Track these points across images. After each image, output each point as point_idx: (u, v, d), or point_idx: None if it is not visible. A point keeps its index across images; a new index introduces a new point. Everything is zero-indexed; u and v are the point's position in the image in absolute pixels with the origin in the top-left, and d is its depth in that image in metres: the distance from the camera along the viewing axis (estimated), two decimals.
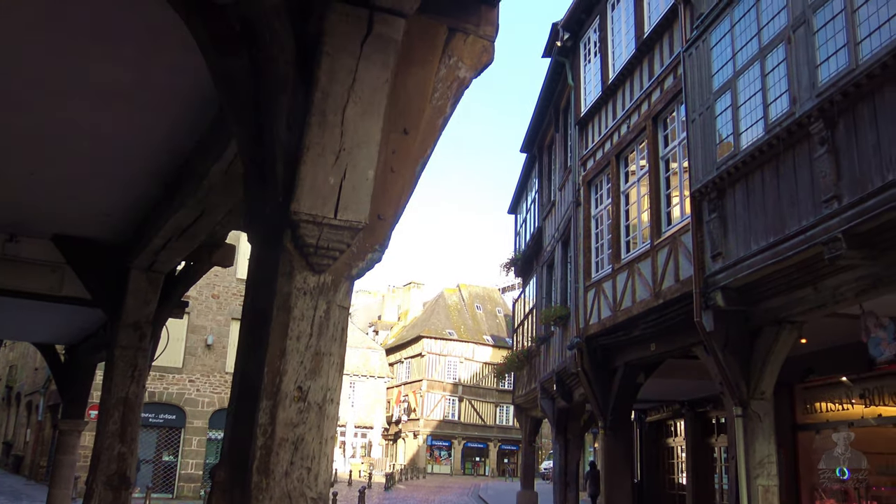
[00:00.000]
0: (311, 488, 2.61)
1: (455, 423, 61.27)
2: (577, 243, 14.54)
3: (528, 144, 22.37)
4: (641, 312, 11.29)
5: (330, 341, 2.76)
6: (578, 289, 14.12)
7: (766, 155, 8.15)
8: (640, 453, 23.20)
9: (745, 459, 8.87)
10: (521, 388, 23.06)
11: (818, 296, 7.94)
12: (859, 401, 12.57)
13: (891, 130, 6.40)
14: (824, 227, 7.00)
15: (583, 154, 14.77)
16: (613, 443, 13.56)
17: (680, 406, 19.87)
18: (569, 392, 16.49)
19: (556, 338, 16.67)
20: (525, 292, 23.02)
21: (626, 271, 12.01)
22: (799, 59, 7.71)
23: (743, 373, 9.07)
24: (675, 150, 11.02)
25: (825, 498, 13.47)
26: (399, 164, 2.97)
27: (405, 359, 64.49)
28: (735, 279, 8.62)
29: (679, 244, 10.29)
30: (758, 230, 8.26)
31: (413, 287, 72.44)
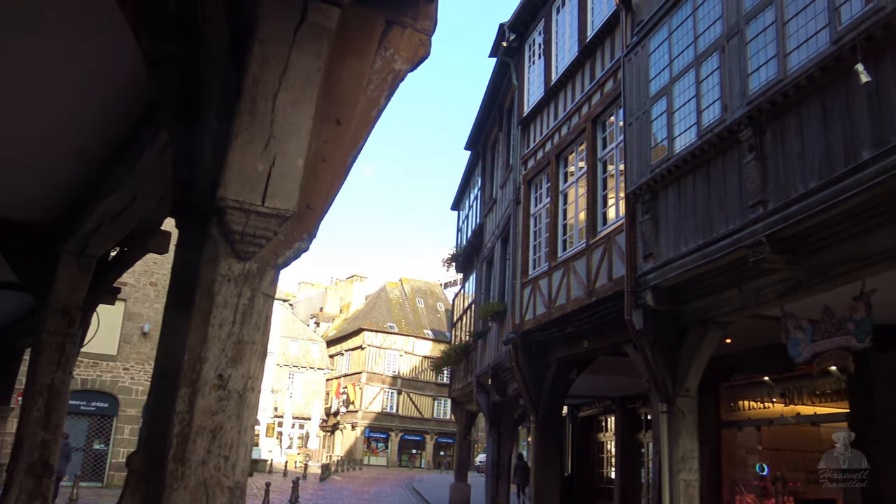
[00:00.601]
0: (229, 477, 2.60)
1: (393, 416, 61.33)
2: (516, 241, 14.71)
3: (472, 142, 22.50)
4: (575, 310, 11.49)
5: (253, 329, 2.74)
6: (516, 285, 14.28)
7: (697, 159, 8.39)
8: (572, 447, 23.62)
9: (668, 454, 9.13)
10: (458, 381, 23.21)
11: (742, 297, 8.22)
12: (780, 399, 13.06)
13: (814, 140, 6.67)
14: (750, 231, 7.25)
15: (524, 153, 14.94)
16: (544, 437, 13.78)
17: (611, 402, 20.30)
18: (503, 386, 16.68)
19: (492, 333, 16.84)
20: (465, 288, 23.17)
21: (562, 269, 12.21)
22: (732, 67, 7.95)
23: (669, 370, 9.33)
24: (613, 152, 11.25)
25: (745, 493, 13.98)
26: (330, 153, 2.97)
27: (346, 351, 64.24)
28: (665, 279, 8.85)
29: (613, 244, 10.52)
30: (688, 232, 8.51)
31: (356, 280, 72.12)
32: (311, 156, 2.87)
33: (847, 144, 6.23)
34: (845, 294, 7.09)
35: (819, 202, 6.40)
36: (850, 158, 6.16)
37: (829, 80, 6.51)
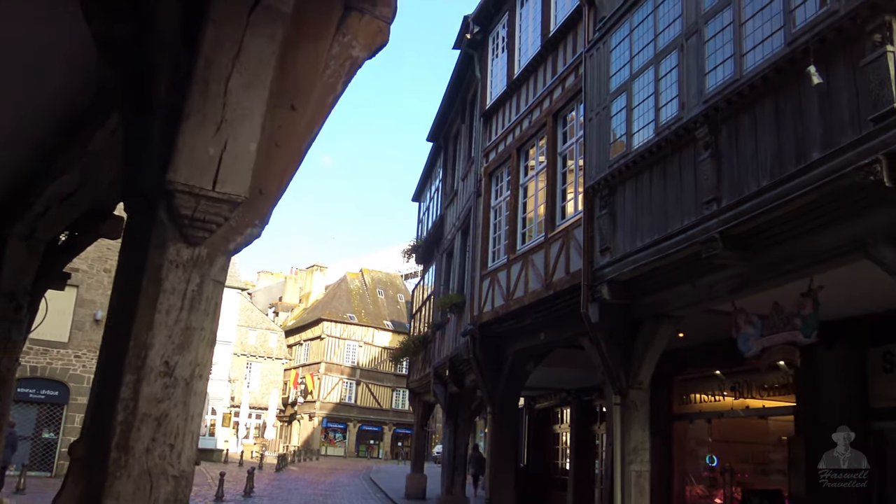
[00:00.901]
0: (174, 466, 2.57)
1: (351, 407, 61.22)
2: (475, 233, 14.76)
3: (434, 134, 22.49)
4: (533, 302, 11.58)
5: (202, 316, 2.71)
6: (475, 277, 14.34)
7: (655, 156, 8.50)
8: (528, 439, 23.82)
9: (620, 445, 9.26)
10: (416, 372, 23.24)
11: (695, 292, 8.36)
12: (730, 393, 13.33)
13: (767, 139, 6.80)
14: (703, 227, 7.38)
15: (486, 146, 14.98)
16: (501, 428, 13.88)
17: (567, 394, 20.51)
18: (461, 378, 16.75)
19: (451, 324, 16.88)
20: (424, 279, 23.19)
21: (521, 262, 12.29)
22: (690, 66, 8.06)
23: (623, 363, 9.46)
24: (573, 146, 11.34)
25: (695, 484, 14.25)
26: (284, 139, 2.94)
27: (304, 341, 63.91)
28: (621, 274, 8.97)
29: (571, 238, 10.61)
30: (644, 227, 8.62)
31: (316, 270, 71.72)
32: (265, 140, 2.84)
33: (798, 144, 6.36)
34: (794, 290, 7.26)
35: (770, 200, 6.53)
36: (800, 158, 6.30)
37: (782, 81, 6.64)
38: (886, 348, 10.25)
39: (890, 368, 10.19)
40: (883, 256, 5.89)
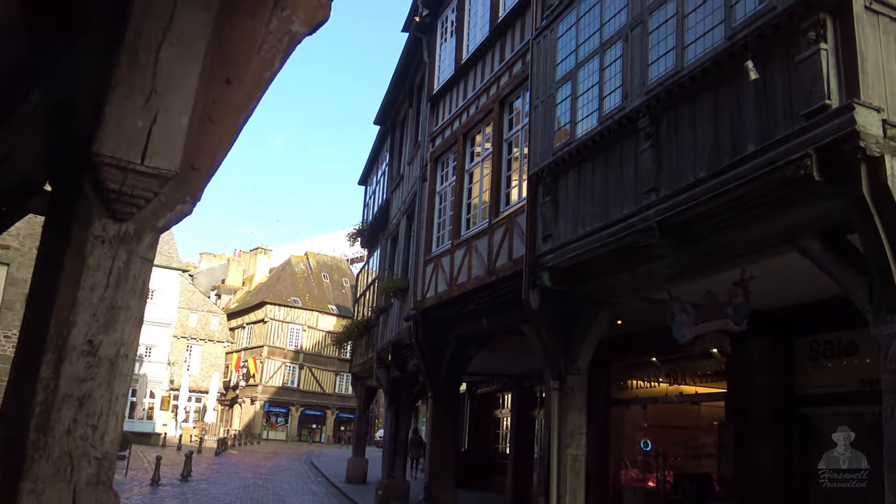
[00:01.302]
0: (97, 447, 2.51)
1: (294, 391, 60.85)
2: (420, 218, 14.74)
3: (382, 117, 22.34)
4: (475, 288, 11.64)
5: (128, 294, 2.65)
6: (419, 262, 14.34)
7: (598, 145, 8.60)
8: (469, 423, 24.03)
9: (558, 430, 9.40)
10: (359, 357, 23.19)
11: (633, 281, 8.51)
12: (665, 379, 13.66)
13: (705, 131, 6.93)
14: (642, 216, 7.50)
15: (433, 131, 14.95)
16: (442, 412, 13.96)
17: (508, 380, 20.74)
18: (403, 362, 16.77)
19: (394, 309, 16.87)
20: (369, 263, 23.11)
21: (465, 248, 12.33)
22: (634, 56, 8.16)
23: (563, 349, 9.59)
24: (518, 133, 11.40)
25: (630, 468, 14.58)
26: (219, 114, 2.88)
27: (247, 324, 63.16)
28: (562, 261, 9.07)
29: (514, 224, 10.68)
30: (585, 215, 8.73)
31: (260, 252, 70.80)
32: (198, 115, 2.78)
33: (734, 137, 6.51)
34: (727, 280, 7.45)
35: (706, 191, 6.67)
36: (736, 151, 6.44)
37: (721, 75, 6.78)
38: (813, 338, 10.63)
39: (816, 357, 10.58)
40: (810, 249, 6.09)
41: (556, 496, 9.26)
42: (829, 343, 10.32)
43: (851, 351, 9.98)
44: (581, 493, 9.39)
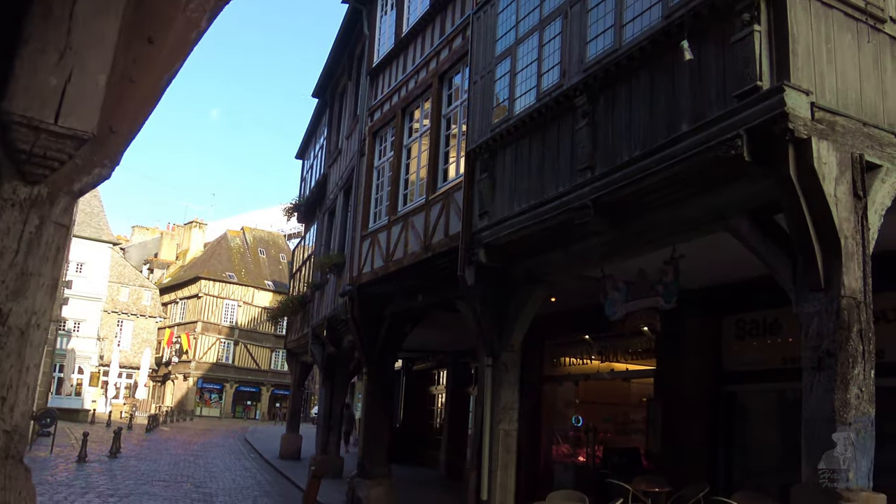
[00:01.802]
0: (6, 420, 2.40)
1: (228, 367, 60.06)
2: (358, 193, 14.59)
3: (320, 90, 21.95)
4: (412, 264, 11.60)
5: (41, 261, 2.52)
6: (355, 238, 14.20)
7: (535, 122, 8.61)
8: (405, 400, 24.11)
9: (490, 406, 9.47)
10: (294, 333, 22.95)
11: (568, 258, 8.59)
12: (597, 357, 13.92)
13: (641, 111, 6.99)
14: (577, 194, 7.55)
15: (371, 105, 14.76)
16: (376, 388, 13.93)
17: (444, 356, 20.86)
18: (338, 338, 16.66)
19: (330, 285, 16.72)
20: (306, 238, 22.81)
21: (401, 223, 12.25)
22: (573, 33, 8.17)
23: (497, 326, 9.64)
24: (457, 109, 11.33)
25: (561, 443, 14.85)
26: (140, 74, 2.74)
27: (181, 299, 61.87)
28: (498, 237, 9.08)
29: (451, 201, 10.65)
30: (522, 193, 8.75)
31: (195, 226, 69.21)
32: (117, 74, 2.64)
33: (669, 117, 6.58)
34: (659, 258, 7.58)
35: (640, 170, 6.74)
36: (670, 130, 6.52)
37: (658, 54, 6.83)
38: (739, 317, 10.96)
39: (742, 336, 10.90)
40: (739, 228, 6.22)
41: (488, 470, 9.35)
42: (754, 322, 10.65)
43: (775, 330, 10.33)
44: (512, 467, 9.50)
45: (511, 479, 9.43)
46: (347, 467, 18.11)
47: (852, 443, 5.07)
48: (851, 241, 5.41)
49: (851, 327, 5.23)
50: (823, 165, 5.38)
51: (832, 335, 5.24)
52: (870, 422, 5.16)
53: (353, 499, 13.28)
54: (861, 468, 5.07)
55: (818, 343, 5.33)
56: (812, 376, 5.34)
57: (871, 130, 5.83)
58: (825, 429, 5.15)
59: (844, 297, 5.27)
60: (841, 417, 5.10)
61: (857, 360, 5.20)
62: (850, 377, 5.16)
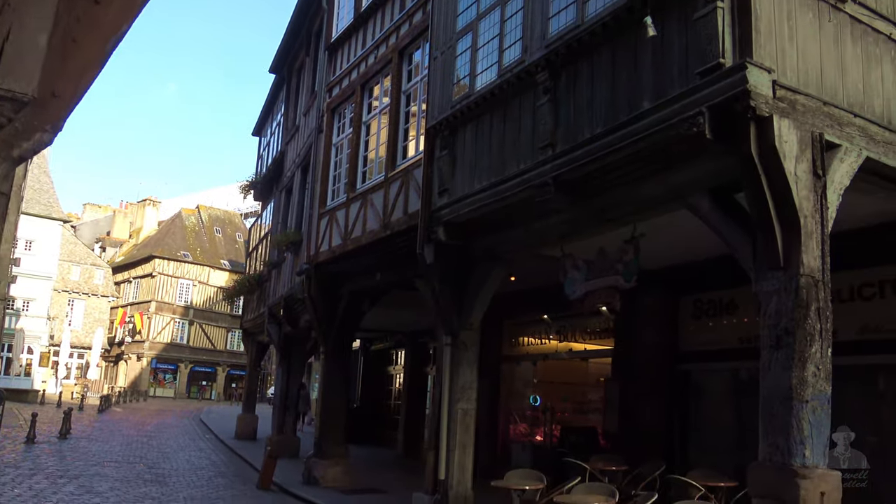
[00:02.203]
0: None
1: (183, 347, 59.25)
2: (315, 170, 14.33)
3: (277, 65, 21.48)
4: (370, 242, 11.43)
5: None
6: (313, 215, 13.96)
7: (496, 98, 8.48)
8: (362, 380, 23.99)
9: (449, 385, 9.40)
10: (250, 312, 22.63)
11: (528, 236, 8.52)
12: (556, 336, 13.96)
13: (603, 88, 6.91)
14: (538, 171, 7.46)
15: (330, 80, 14.46)
16: (334, 368, 13.78)
17: (402, 337, 20.76)
18: (295, 318, 16.44)
19: (287, 263, 16.46)
20: (263, 216, 22.43)
21: (360, 201, 12.06)
22: (535, 9, 8.03)
23: (456, 304, 9.55)
24: (417, 85, 11.14)
25: (519, 422, 14.90)
26: (84, 35, 2.55)
27: (134, 278, 60.70)
28: (457, 215, 8.97)
29: (411, 178, 10.50)
30: (482, 170, 8.63)
31: (148, 204, 67.82)
32: (59, 34, 2.45)
33: (631, 94, 6.51)
34: (619, 237, 7.55)
35: (602, 147, 6.66)
36: (632, 107, 6.45)
37: (620, 30, 6.73)
38: (696, 297, 11.04)
39: (699, 315, 11.00)
40: (700, 207, 6.20)
41: (446, 450, 9.30)
42: (711, 302, 10.75)
43: (732, 310, 10.43)
44: (470, 447, 9.46)
45: (469, 458, 9.39)
46: (304, 447, 17.96)
47: (809, 420, 5.08)
48: (811, 220, 5.41)
49: (809, 305, 5.24)
50: (784, 144, 5.35)
51: (790, 313, 5.25)
52: (826, 399, 5.19)
53: (310, 478, 13.15)
54: (817, 445, 5.10)
55: (777, 321, 5.33)
56: (770, 354, 5.35)
57: (830, 110, 5.83)
58: (782, 406, 5.17)
59: (803, 276, 5.27)
60: (798, 395, 5.11)
61: (814, 338, 5.21)
62: (808, 355, 5.17)
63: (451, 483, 9.20)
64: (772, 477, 5.14)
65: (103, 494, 11.02)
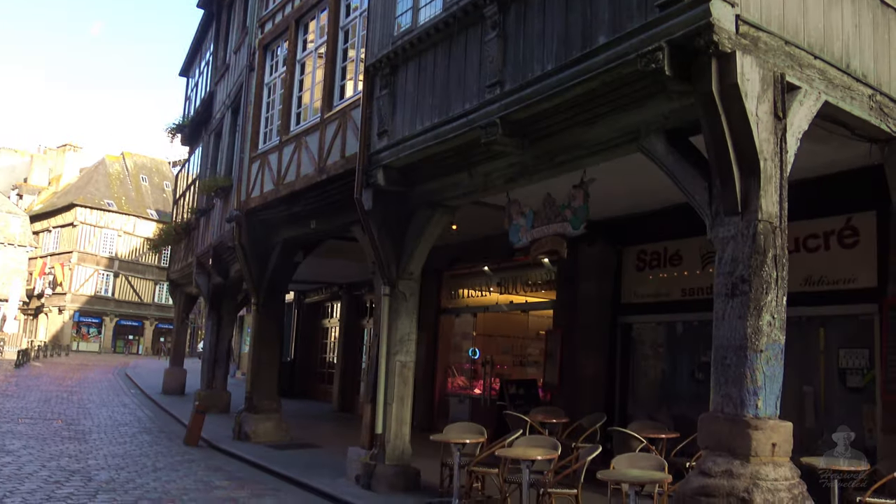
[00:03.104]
0: None
1: (108, 300, 57.42)
2: (247, 111, 13.56)
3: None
4: (304, 187, 10.86)
5: None
6: (244, 159, 13.25)
7: (441, 34, 7.96)
8: (296, 333, 23.48)
9: (387, 336, 9.04)
10: (178, 262, 21.74)
11: (472, 181, 8.12)
12: (496, 288, 13.72)
13: (555, 21, 6.48)
14: (485, 111, 7.03)
15: (262, 15, 13.60)
16: (266, 321, 13.25)
17: (338, 289, 20.29)
18: (225, 268, 15.78)
19: (216, 210, 15.71)
20: (190, 162, 21.41)
21: (294, 144, 11.43)
22: None
23: (395, 253, 9.14)
24: (356, 21, 10.50)
25: (457, 375, 14.70)
26: None
27: (54, 228, 58.17)
28: (398, 158, 8.50)
29: (348, 119, 9.94)
30: (425, 110, 8.15)
31: (69, 150, 64.74)
32: None
33: (585, 28, 6.11)
34: (568, 183, 7.22)
35: (552, 86, 6.27)
36: (586, 43, 6.05)
37: None
38: (640, 248, 10.90)
39: (642, 267, 10.86)
40: (654, 149, 5.89)
41: (384, 403, 8.97)
42: (655, 254, 10.62)
43: (675, 262, 10.31)
44: (409, 399, 9.15)
45: (407, 411, 9.09)
46: (235, 402, 17.45)
47: (763, 370, 4.90)
48: (770, 164, 5.16)
49: (767, 252, 5.02)
50: (746, 82, 5.05)
51: (747, 260, 5.01)
52: (780, 349, 5.01)
53: (240, 433, 12.70)
54: (770, 396, 4.93)
55: (732, 269, 5.10)
56: (725, 303, 5.12)
57: (792, 49, 5.56)
58: (736, 356, 4.96)
59: (761, 221, 5.03)
60: (753, 344, 4.91)
61: (770, 286, 5.00)
62: (764, 304, 4.97)
63: (389, 437, 8.90)
64: (723, 428, 4.96)
65: (15, 453, 10.35)
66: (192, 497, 8.21)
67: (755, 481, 4.71)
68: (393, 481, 8.71)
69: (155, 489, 8.54)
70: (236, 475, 9.88)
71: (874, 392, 7.90)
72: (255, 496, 8.53)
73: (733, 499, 4.72)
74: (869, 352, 8.05)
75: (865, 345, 8.08)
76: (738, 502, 4.69)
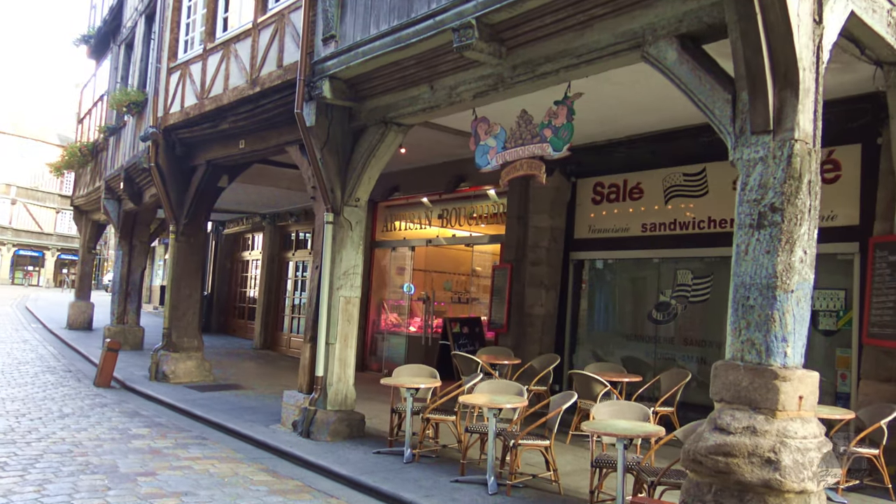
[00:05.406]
0: None
1: (5, 229, 53.77)
2: (164, 16, 12.02)
3: None
4: (233, 102, 9.60)
5: None
6: (161, 70, 11.77)
7: None
8: (215, 266, 22.16)
9: (330, 269, 8.10)
10: (83, 187, 19.91)
11: (434, 96, 7.16)
12: (437, 221, 12.88)
13: None
14: (457, 11, 6.04)
15: None
16: (185, 251, 12.02)
17: (261, 219, 19.05)
18: (139, 192, 14.33)
19: (128, 128, 14.15)
20: (96, 76, 19.42)
21: (221, 52, 10.10)
22: None
23: (340, 176, 8.14)
24: None
25: (390, 312, 13.90)
26: None
27: None
28: (347, 67, 7.42)
29: (287, 23, 8.72)
30: (381, 11, 7.07)
31: None
32: None
33: None
34: (547, 98, 6.38)
35: None
36: None
37: None
38: (598, 180, 10.23)
39: (599, 200, 10.22)
40: (664, 57, 5.06)
41: (325, 342, 8.08)
42: (613, 186, 9.97)
43: (636, 195, 9.69)
44: (353, 338, 8.30)
45: (352, 351, 8.25)
46: (149, 339, 16.19)
47: (793, 313, 4.26)
48: (809, 75, 4.44)
49: (802, 177, 4.33)
50: None
51: (780, 186, 4.31)
52: (810, 289, 4.38)
53: (158, 374, 11.61)
54: (798, 343, 4.31)
55: (760, 196, 4.39)
56: (749, 235, 4.42)
57: None
58: (762, 296, 4.29)
59: (798, 141, 4.32)
60: (783, 283, 4.25)
61: (804, 216, 4.34)
62: (797, 237, 4.30)
63: (331, 380, 8.05)
64: (744, 378, 4.30)
65: None
66: (107, 449, 7.17)
67: (782, 439, 4.10)
68: (335, 428, 7.90)
69: (63, 439, 7.46)
70: (156, 421, 8.86)
71: (850, 335, 7.54)
72: (181, 446, 7.55)
73: (756, 459, 4.10)
74: (846, 293, 7.65)
75: (842, 286, 7.68)
76: (764, 463, 4.08)
